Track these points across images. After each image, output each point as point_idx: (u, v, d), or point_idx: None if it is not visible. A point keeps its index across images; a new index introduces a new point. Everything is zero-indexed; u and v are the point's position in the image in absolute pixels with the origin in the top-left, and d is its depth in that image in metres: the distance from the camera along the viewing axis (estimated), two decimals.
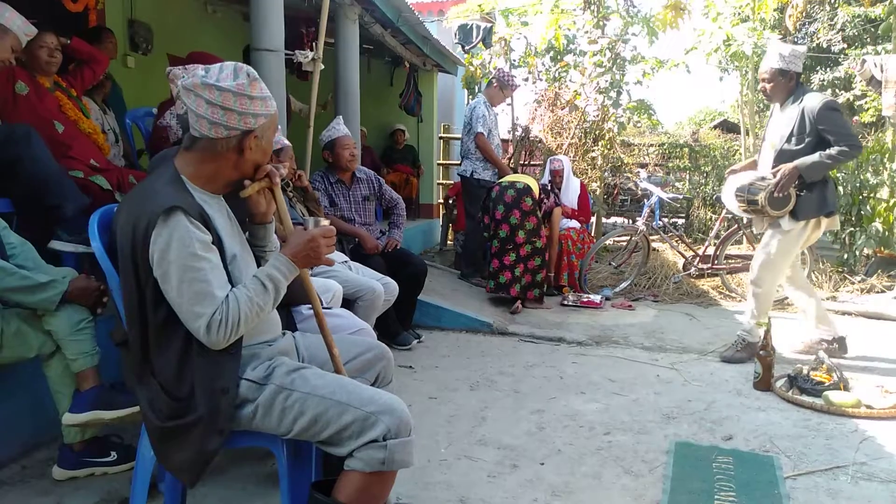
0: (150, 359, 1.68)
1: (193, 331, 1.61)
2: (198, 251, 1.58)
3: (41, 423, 2.58)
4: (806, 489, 2.46)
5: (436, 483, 2.46)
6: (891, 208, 6.29)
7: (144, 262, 1.59)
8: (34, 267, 2.24)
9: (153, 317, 1.64)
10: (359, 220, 4.28)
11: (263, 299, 1.66)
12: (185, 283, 1.57)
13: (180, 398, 1.65)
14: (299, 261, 1.74)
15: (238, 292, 1.64)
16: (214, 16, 6.61)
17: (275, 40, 3.68)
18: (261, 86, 1.69)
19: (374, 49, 7.51)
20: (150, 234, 1.57)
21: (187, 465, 1.66)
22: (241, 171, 1.74)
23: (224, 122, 1.64)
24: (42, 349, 2.26)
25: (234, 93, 1.63)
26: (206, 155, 1.70)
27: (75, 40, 3.41)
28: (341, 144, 4.15)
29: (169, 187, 1.65)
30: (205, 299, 1.58)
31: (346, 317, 2.61)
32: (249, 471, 2.50)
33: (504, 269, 5.25)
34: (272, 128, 1.76)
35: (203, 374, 1.63)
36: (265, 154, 1.76)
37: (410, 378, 3.67)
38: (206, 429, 1.63)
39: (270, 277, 1.69)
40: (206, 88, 1.62)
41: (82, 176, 3.02)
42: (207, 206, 1.69)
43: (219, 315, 1.58)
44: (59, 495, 2.30)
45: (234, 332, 1.61)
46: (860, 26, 11.81)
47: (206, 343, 1.61)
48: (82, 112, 3.31)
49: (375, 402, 1.66)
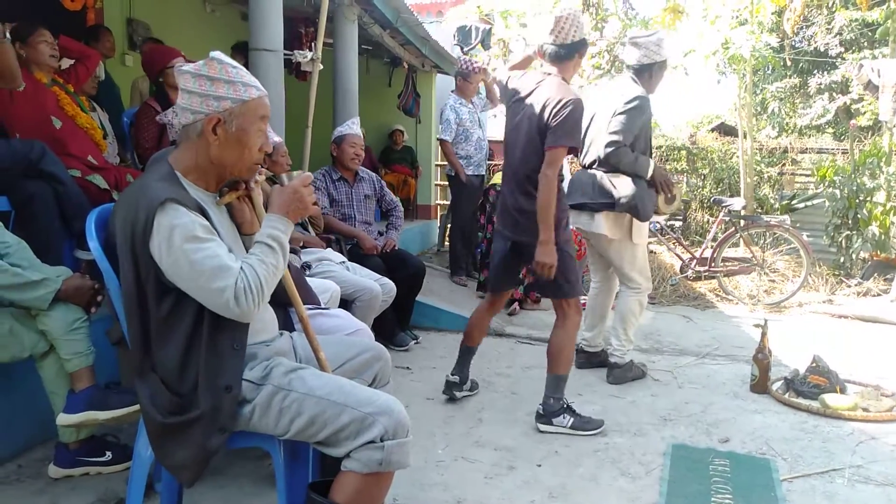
0: (152, 354, 1.67)
1: (222, 308, 1.59)
2: (200, 234, 1.58)
3: (37, 422, 2.57)
4: (802, 492, 2.46)
5: (433, 484, 2.46)
6: (887, 212, 6.31)
7: (144, 255, 1.58)
8: (29, 266, 2.22)
9: (156, 311, 1.63)
10: (359, 217, 4.29)
11: (275, 258, 1.67)
12: (199, 262, 1.56)
13: (183, 393, 1.64)
14: (290, 214, 1.74)
15: (249, 258, 1.64)
16: (213, 15, 6.60)
17: (274, 40, 3.68)
18: (224, 68, 1.67)
19: (373, 49, 7.50)
20: (149, 228, 1.56)
21: (187, 462, 1.65)
22: (219, 163, 1.71)
23: (189, 107, 1.66)
24: (36, 349, 2.24)
25: (193, 74, 1.65)
26: (185, 145, 1.71)
27: (64, 38, 3.40)
28: (349, 141, 4.22)
29: (163, 182, 1.65)
30: (222, 272, 1.57)
31: (343, 317, 2.60)
32: (246, 471, 2.48)
33: None
34: (250, 118, 1.70)
35: (207, 370, 1.62)
36: (243, 147, 1.71)
37: (408, 379, 3.66)
38: (208, 426, 1.62)
39: (272, 237, 1.69)
40: (179, 76, 1.66)
41: (80, 175, 3.01)
42: (205, 204, 1.69)
43: (241, 283, 1.58)
44: (55, 494, 2.29)
45: (261, 296, 1.61)
46: (857, 30, 11.85)
47: (239, 316, 1.60)
48: (80, 108, 3.30)
49: (373, 403, 1.65)
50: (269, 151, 1.79)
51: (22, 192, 2.75)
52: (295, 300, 1.92)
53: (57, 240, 2.83)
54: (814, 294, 6.01)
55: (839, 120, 13.83)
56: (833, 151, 10.59)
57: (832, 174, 6.99)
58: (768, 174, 9.91)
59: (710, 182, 9.93)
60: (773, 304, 5.78)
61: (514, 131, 3.00)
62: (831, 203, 6.69)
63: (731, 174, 9.66)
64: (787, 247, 6.36)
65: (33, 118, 3.01)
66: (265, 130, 1.79)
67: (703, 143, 10.48)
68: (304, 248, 3.51)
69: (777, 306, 5.74)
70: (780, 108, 14.57)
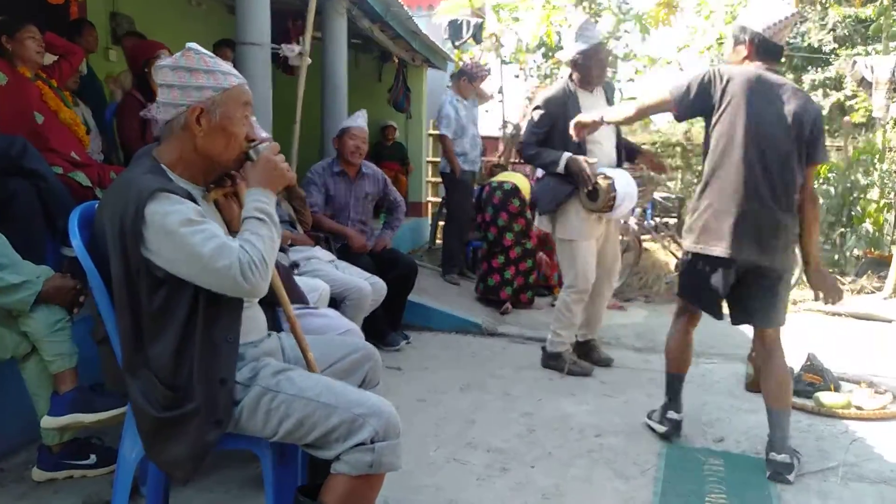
0: (144, 349, 1.63)
1: (231, 286, 1.57)
2: (195, 217, 1.56)
3: (21, 425, 2.52)
4: (796, 490, 2.45)
5: (424, 486, 2.43)
6: (881, 209, 6.32)
7: (134, 249, 1.55)
8: (9, 264, 2.16)
9: (148, 305, 1.60)
10: (354, 215, 4.21)
11: (268, 230, 1.65)
12: (199, 244, 1.53)
13: (177, 387, 1.61)
14: (270, 185, 1.73)
15: (244, 234, 1.63)
16: (199, 8, 6.52)
17: (261, 34, 3.62)
18: (201, 58, 1.65)
19: (363, 43, 7.44)
20: (139, 221, 1.52)
21: (182, 459, 1.61)
22: (206, 153, 1.69)
23: (171, 101, 1.64)
24: (18, 350, 2.20)
25: (171, 67, 1.65)
26: (169, 140, 1.69)
27: (49, 35, 3.34)
28: (350, 134, 4.12)
29: (151, 175, 1.62)
30: (224, 250, 1.55)
31: (333, 317, 2.56)
32: (233, 474, 2.44)
33: (492, 272, 5.23)
34: (233, 105, 1.68)
35: (201, 364, 1.60)
36: (229, 135, 1.69)
37: (399, 380, 3.62)
38: (204, 420, 1.59)
39: (258, 209, 1.67)
40: (158, 72, 1.64)
41: (62, 172, 2.95)
42: (194, 195, 1.66)
43: (244, 257, 1.56)
44: (38, 498, 2.25)
45: (265, 269, 1.60)
46: (851, 27, 11.87)
47: (249, 292, 1.59)
48: (63, 103, 3.24)
49: (363, 405, 1.62)
50: (254, 139, 1.75)
51: (3, 190, 2.69)
52: (283, 299, 1.89)
53: (39, 237, 2.78)
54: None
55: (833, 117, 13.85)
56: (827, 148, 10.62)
57: (826, 171, 7.00)
58: None
59: None
60: None
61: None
62: (825, 200, 6.71)
63: None
64: None
65: (15, 112, 2.95)
66: (249, 117, 1.77)
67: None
68: (292, 247, 3.45)
69: None
70: None
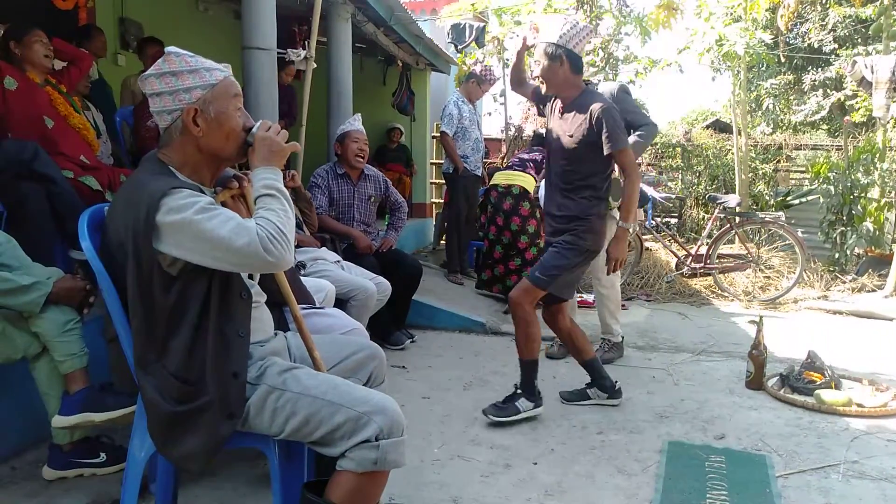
0: (157, 345, 1.66)
1: (257, 262, 1.59)
2: (208, 206, 1.59)
3: (31, 424, 2.56)
4: (797, 488, 2.47)
5: (429, 483, 2.46)
6: (881, 208, 6.33)
7: (148, 247, 1.57)
8: (19, 266, 2.20)
9: (163, 301, 1.62)
10: (358, 216, 4.26)
11: (280, 203, 1.67)
12: (218, 226, 1.55)
13: (191, 381, 1.63)
14: (272, 160, 1.74)
15: (258, 213, 1.65)
16: (206, 14, 6.58)
17: (267, 39, 3.66)
18: (182, 59, 1.67)
19: (367, 48, 7.49)
20: (152, 218, 1.54)
21: (196, 451, 1.64)
22: (209, 151, 1.71)
23: (164, 109, 1.66)
24: (29, 350, 2.23)
25: (156, 75, 1.66)
26: (172, 145, 1.71)
27: (57, 41, 3.38)
28: (352, 138, 4.17)
29: (159, 176, 1.65)
30: (243, 229, 1.57)
31: (338, 317, 2.59)
32: (241, 472, 2.48)
33: (510, 274, 5.29)
34: (224, 99, 1.70)
35: (214, 358, 1.62)
36: (227, 129, 1.71)
37: (403, 378, 3.66)
38: (217, 413, 1.62)
39: (266, 186, 1.69)
40: (144, 83, 1.67)
41: (72, 176, 2.99)
42: (203, 192, 1.69)
43: (263, 232, 1.58)
44: (49, 497, 2.28)
45: (286, 241, 1.62)
46: (851, 27, 11.89)
47: (275, 265, 1.61)
48: (73, 108, 3.28)
49: (368, 402, 1.64)
50: (250, 126, 1.76)
51: (14, 193, 2.73)
52: (289, 299, 1.91)
53: (50, 240, 2.82)
54: (809, 290, 6.01)
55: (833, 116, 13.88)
56: (827, 148, 10.63)
57: (826, 170, 7.01)
58: (763, 171, 9.92)
59: (704, 179, 9.95)
60: (769, 301, 5.79)
61: None
62: (826, 199, 6.72)
63: (726, 171, 9.67)
64: (782, 243, 6.38)
65: (25, 117, 2.99)
66: (242, 108, 1.78)
67: (698, 140, 10.49)
68: (298, 248, 3.49)
69: (772, 303, 5.75)
70: (775, 104, 14.57)
